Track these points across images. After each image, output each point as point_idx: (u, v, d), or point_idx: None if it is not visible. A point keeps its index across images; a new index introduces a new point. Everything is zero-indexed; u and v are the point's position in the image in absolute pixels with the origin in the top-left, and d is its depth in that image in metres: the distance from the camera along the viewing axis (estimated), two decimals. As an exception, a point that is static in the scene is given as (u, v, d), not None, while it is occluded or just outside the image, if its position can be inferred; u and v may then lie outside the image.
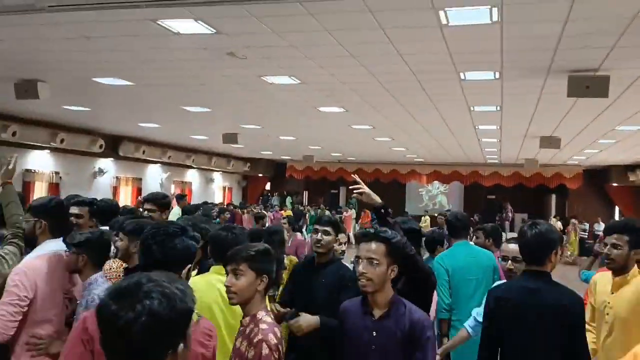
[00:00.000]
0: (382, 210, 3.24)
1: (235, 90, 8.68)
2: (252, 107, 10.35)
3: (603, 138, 12.78)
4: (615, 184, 21.14)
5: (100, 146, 15.13)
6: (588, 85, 6.35)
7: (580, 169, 21.67)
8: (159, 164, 19.38)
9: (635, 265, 3.34)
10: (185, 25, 5.38)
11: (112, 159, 16.84)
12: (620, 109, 8.92)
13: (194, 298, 1.43)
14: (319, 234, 3.72)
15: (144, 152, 16.88)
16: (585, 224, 20.84)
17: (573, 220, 19.79)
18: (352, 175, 3.66)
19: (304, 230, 11.38)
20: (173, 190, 20.59)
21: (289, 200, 26.19)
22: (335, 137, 15.03)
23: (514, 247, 3.35)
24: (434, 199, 27.99)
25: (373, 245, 2.71)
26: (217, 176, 24.37)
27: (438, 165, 23.60)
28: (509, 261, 3.48)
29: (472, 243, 5.39)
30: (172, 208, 10.08)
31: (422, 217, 22.41)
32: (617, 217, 22.17)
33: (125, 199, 17.67)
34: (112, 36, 5.88)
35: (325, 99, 9.20)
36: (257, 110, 10.70)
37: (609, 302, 3.36)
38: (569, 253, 18.42)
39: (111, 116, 12.35)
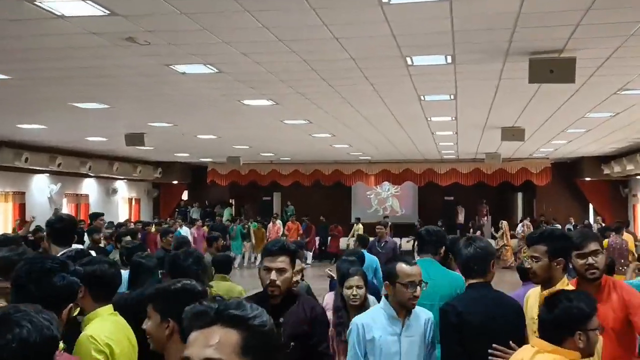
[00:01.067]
0: None
1: (139, 83, 8.53)
2: (160, 102, 10.21)
3: (572, 127, 13.34)
4: (588, 179, 22.10)
5: (-30, 154, 14.53)
6: (552, 69, 6.62)
7: (548, 163, 22.56)
8: (46, 174, 18.77)
9: (565, 277, 3.62)
10: (71, 6, 5.23)
11: (-15, 169, 16.19)
12: (590, 94, 9.33)
13: (59, 327, 1.86)
14: (273, 272, 3.43)
15: (26, 159, 16.28)
16: (557, 225, 21.69)
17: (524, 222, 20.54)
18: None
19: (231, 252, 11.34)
20: (66, 205, 19.99)
21: (227, 212, 26.03)
22: (265, 135, 15.01)
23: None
24: (384, 202, 28.46)
25: None
26: (120, 186, 23.87)
27: (388, 164, 24.04)
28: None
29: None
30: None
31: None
32: (591, 216, 23.25)
33: (5, 220, 16.98)
34: (-21, 20, 5.65)
35: (250, 91, 9.17)
36: (167, 105, 10.56)
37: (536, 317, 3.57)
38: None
39: (-17, 117, 11.89)
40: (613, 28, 6.00)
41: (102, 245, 10.25)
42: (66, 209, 19.89)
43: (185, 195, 27.88)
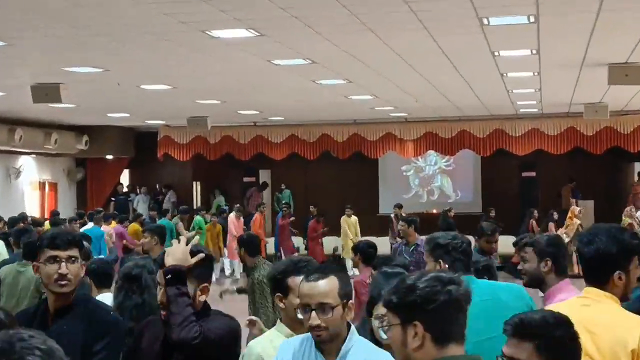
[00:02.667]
0: None
1: (49, 6, 8.52)
2: (83, 35, 10.20)
3: None
4: None
5: None
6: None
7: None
8: None
9: None
10: None
11: None
12: None
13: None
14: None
15: None
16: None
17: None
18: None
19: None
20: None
21: (219, 201, 26.17)
22: (246, 82, 15.01)
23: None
24: (430, 182, 28.38)
25: None
26: (27, 164, 23.93)
27: (433, 123, 24.10)
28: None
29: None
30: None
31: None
32: None
33: None
34: None
35: (222, 15, 9.13)
36: (94, 40, 10.58)
37: None
38: None
39: None
40: None
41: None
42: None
43: (125, 177, 27.89)
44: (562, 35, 10.79)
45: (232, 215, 21.59)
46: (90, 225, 17.33)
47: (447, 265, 5.16)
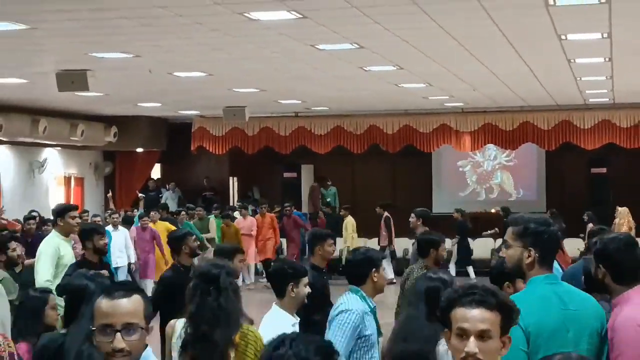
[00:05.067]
0: None
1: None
2: (111, 18, 10.26)
3: None
4: None
5: None
6: None
7: None
8: None
9: None
10: None
11: None
12: None
13: None
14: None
15: None
16: None
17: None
18: None
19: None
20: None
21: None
22: (288, 70, 15.04)
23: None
24: (489, 178, 28.29)
25: None
26: (51, 157, 24.13)
27: (493, 114, 24.07)
28: None
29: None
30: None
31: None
32: None
33: None
34: None
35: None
36: (123, 24, 10.62)
37: None
38: None
39: None
40: None
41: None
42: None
43: (156, 171, 28.05)
44: (636, 16, 10.67)
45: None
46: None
47: (536, 255, 5.07)
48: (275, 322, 6.35)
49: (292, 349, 2.93)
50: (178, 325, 5.77)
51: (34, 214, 16.38)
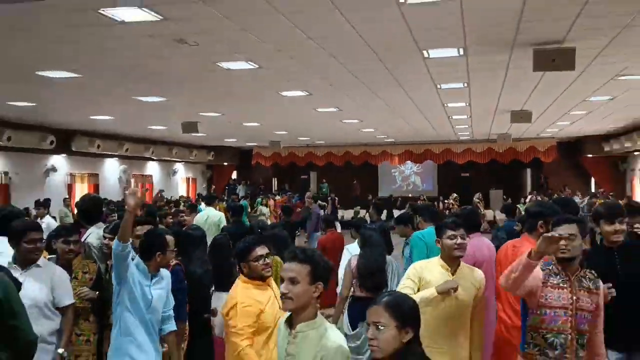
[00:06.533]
0: None
1: (190, 78, 8.58)
2: (210, 94, 10.26)
3: (574, 109, 13.02)
4: (590, 155, 21.60)
5: (51, 142, 14.83)
6: (554, 58, 6.44)
7: (554, 142, 22.06)
8: (116, 158, 19.10)
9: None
10: (129, 13, 5.28)
11: (64, 155, 16.52)
12: (589, 80, 9.09)
13: None
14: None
15: (98, 146, 16.60)
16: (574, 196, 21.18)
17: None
18: None
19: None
20: (133, 184, 20.35)
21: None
22: (301, 121, 15.00)
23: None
24: (407, 179, 28.23)
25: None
26: (179, 167, 24.15)
27: (410, 145, 23.79)
28: None
29: None
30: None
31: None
32: (592, 188, 22.75)
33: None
34: (53, 27, 5.75)
35: (287, 84, 9.17)
36: (216, 97, 10.60)
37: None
38: None
39: (60, 110, 12.10)
40: (609, 20, 5.82)
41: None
42: (134, 186, 20.31)
43: (234, 175, 28.08)
44: (484, 93, 10.66)
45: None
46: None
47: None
48: None
49: None
50: None
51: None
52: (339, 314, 5.18)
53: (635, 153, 19.85)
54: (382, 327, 2.29)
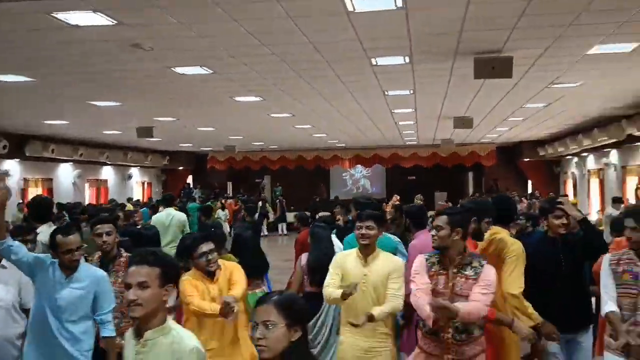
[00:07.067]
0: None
1: (145, 83, 8.42)
2: (164, 99, 10.08)
3: (512, 116, 13.40)
4: (526, 159, 22.30)
5: (4, 147, 14.27)
6: (493, 66, 6.63)
7: (494, 147, 22.66)
8: (70, 163, 18.53)
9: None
10: (84, 17, 5.14)
11: (18, 159, 15.93)
12: (526, 87, 9.38)
13: None
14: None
15: (52, 150, 16.07)
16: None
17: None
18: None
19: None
20: (87, 189, 19.80)
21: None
22: (255, 127, 14.91)
23: None
24: (358, 182, 28.44)
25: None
26: (134, 172, 23.63)
27: (359, 150, 23.95)
28: None
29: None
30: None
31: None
32: (529, 190, 23.49)
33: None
34: (5, 31, 5.54)
35: (241, 89, 9.10)
36: (171, 102, 10.43)
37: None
38: None
39: (13, 114, 11.66)
40: (544, 31, 6.02)
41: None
42: (88, 192, 19.77)
43: (189, 179, 27.65)
44: (429, 100, 10.84)
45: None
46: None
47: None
48: None
49: None
50: None
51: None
52: None
53: (568, 157, 20.64)
54: (271, 326, 2.18)
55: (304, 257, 5.07)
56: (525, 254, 3.99)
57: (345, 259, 4.07)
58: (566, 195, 13.71)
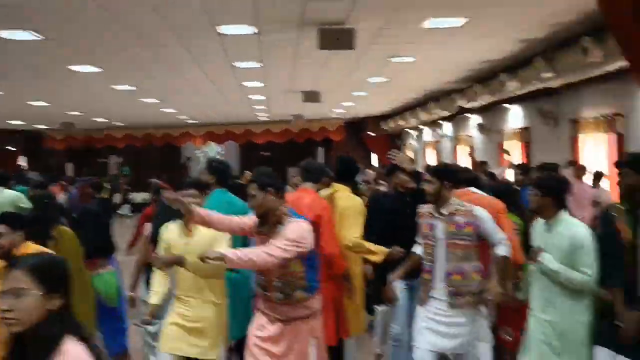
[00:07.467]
0: None
1: None
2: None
3: (356, 90, 13.96)
4: (371, 134, 23.49)
5: None
6: (337, 37, 6.81)
7: (342, 122, 23.57)
8: None
9: None
10: None
11: None
12: (368, 61, 9.76)
13: None
14: None
15: None
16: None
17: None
18: None
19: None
20: None
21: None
22: (96, 100, 13.98)
23: None
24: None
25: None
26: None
27: (212, 126, 23.59)
28: None
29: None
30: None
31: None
32: (375, 164, 24.78)
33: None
34: None
35: (77, 57, 8.44)
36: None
37: None
38: None
39: None
40: (382, 2, 6.26)
41: None
42: None
43: (23, 161, 25.25)
44: (278, 73, 10.88)
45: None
46: None
47: None
48: None
49: None
50: None
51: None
52: (136, 278, 5.25)
53: (407, 130, 22.14)
54: (22, 295, 1.89)
55: (148, 227, 4.90)
56: (383, 210, 4.54)
57: (170, 230, 4.19)
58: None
